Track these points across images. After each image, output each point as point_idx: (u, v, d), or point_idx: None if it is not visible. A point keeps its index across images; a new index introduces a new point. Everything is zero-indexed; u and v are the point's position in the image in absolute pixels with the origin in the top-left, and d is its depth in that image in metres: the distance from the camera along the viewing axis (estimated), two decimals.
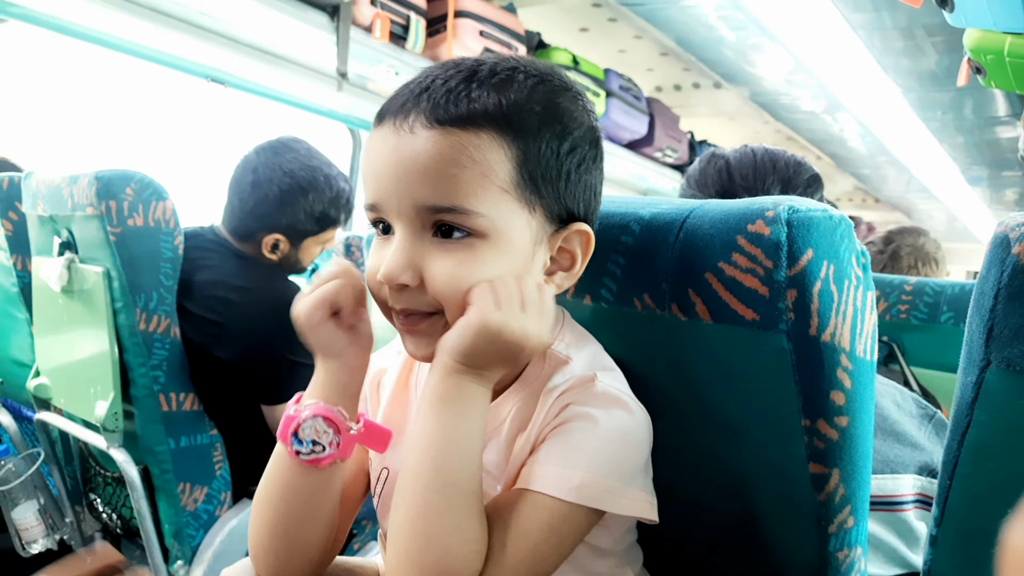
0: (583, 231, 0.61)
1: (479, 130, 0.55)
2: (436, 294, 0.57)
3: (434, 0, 2.50)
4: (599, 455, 0.57)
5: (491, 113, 0.55)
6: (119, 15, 1.98)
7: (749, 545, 0.66)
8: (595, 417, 0.58)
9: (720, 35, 2.95)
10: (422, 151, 0.55)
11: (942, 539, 0.57)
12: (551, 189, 0.59)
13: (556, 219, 0.60)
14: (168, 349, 1.33)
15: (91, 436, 1.37)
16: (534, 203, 0.58)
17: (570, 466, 0.56)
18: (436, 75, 0.58)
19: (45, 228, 1.43)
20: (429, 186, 0.55)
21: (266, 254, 1.50)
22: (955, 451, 0.56)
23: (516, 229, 0.58)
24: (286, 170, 1.48)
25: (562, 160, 0.59)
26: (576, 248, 0.62)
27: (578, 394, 0.59)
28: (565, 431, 0.58)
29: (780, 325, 0.56)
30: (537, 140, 0.57)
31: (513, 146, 0.56)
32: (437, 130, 0.55)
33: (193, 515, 1.39)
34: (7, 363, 1.69)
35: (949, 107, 3.57)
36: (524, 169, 0.57)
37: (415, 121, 0.55)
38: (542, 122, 0.57)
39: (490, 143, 0.55)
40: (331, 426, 0.60)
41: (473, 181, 0.55)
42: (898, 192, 5.98)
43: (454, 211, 0.55)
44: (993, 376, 0.52)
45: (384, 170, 0.57)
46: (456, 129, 0.55)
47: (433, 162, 0.54)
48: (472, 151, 0.55)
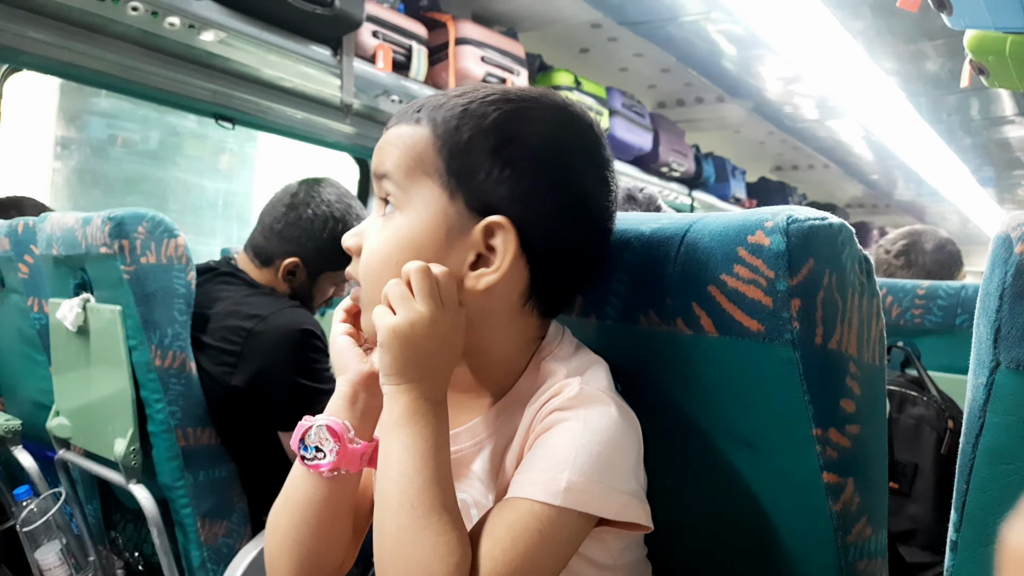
0: (502, 225, 0.60)
1: (418, 124, 0.63)
2: (365, 261, 0.64)
3: (435, 29, 2.54)
4: (585, 458, 0.56)
5: (429, 112, 0.63)
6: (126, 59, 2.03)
7: (766, 560, 0.65)
8: (578, 420, 0.58)
9: (720, 49, 2.97)
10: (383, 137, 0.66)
11: (962, 544, 0.56)
12: (473, 181, 0.61)
13: (476, 211, 0.61)
14: (184, 384, 1.35)
15: (111, 474, 1.37)
16: (455, 191, 0.61)
17: (555, 470, 0.56)
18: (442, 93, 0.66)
19: (60, 269, 1.45)
20: (377, 156, 0.65)
21: (281, 280, 1.52)
22: (970, 455, 0.55)
23: (432, 211, 0.62)
24: (324, 198, 1.54)
25: (492, 157, 0.61)
26: (498, 243, 0.61)
27: (561, 400, 0.59)
28: (549, 436, 0.58)
29: (785, 335, 0.56)
30: (466, 134, 0.61)
31: (440, 137, 0.62)
32: (395, 126, 0.65)
33: (214, 550, 1.39)
34: (27, 404, 1.70)
35: (955, 109, 3.56)
36: (449, 158, 0.61)
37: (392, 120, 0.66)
38: (480, 121, 0.61)
39: (422, 132, 0.62)
40: (332, 435, 0.63)
41: (403, 158, 0.63)
42: (908, 196, 5.95)
43: (386, 177, 0.63)
44: (1003, 378, 0.52)
45: None
46: (403, 123, 0.64)
47: (384, 142, 0.65)
48: (407, 137, 0.63)
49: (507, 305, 0.63)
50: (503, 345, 0.65)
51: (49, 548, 1.46)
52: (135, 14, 1.72)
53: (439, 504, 0.55)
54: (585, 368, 0.63)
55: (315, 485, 0.65)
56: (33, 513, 1.45)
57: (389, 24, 2.33)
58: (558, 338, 0.67)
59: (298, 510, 0.66)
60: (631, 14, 2.71)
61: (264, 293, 1.49)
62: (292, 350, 1.37)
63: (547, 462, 0.57)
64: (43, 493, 1.50)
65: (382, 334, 0.58)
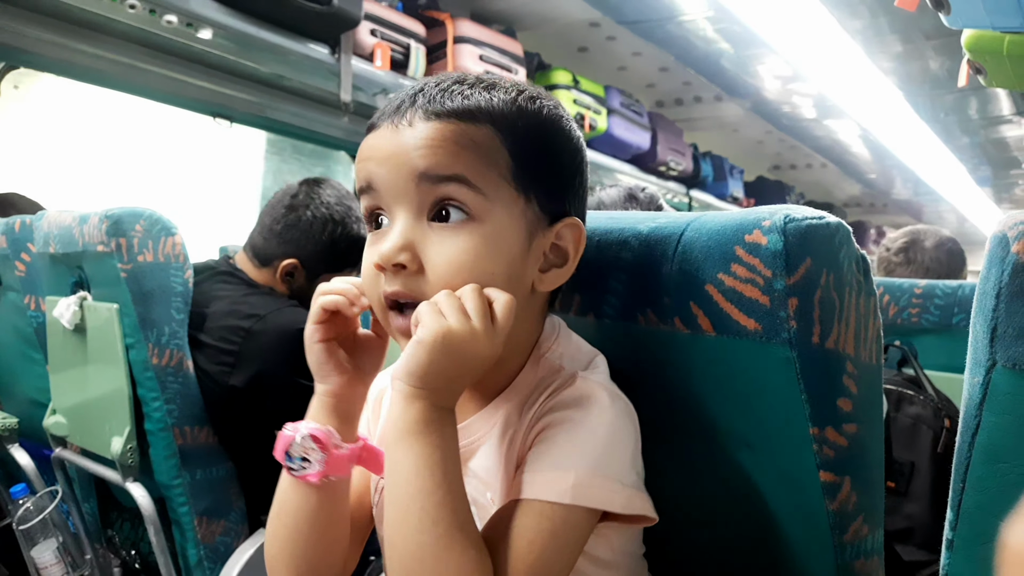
0: (575, 225, 0.62)
1: (476, 123, 0.57)
2: (438, 278, 0.57)
3: (433, 27, 2.54)
4: (589, 453, 0.56)
5: (484, 108, 0.58)
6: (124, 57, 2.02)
7: (763, 558, 0.65)
8: (579, 416, 0.57)
9: (719, 48, 2.97)
10: (423, 135, 0.57)
11: (959, 543, 0.56)
12: (544, 184, 0.60)
13: (549, 214, 0.61)
14: (181, 383, 1.34)
15: (108, 472, 1.37)
16: (530, 195, 0.59)
17: (562, 468, 0.55)
18: (427, 81, 0.61)
19: (57, 267, 1.45)
20: (434, 156, 0.56)
21: (280, 282, 1.52)
22: (967, 453, 0.55)
23: (512, 217, 0.58)
24: (323, 200, 1.53)
25: (552, 158, 0.61)
26: (568, 244, 0.62)
27: (561, 396, 0.59)
28: (551, 434, 0.58)
29: (783, 334, 0.56)
30: (528, 136, 0.60)
31: (508, 139, 0.58)
32: (435, 122, 0.57)
33: (211, 548, 1.39)
34: (24, 403, 1.70)
35: (952, 108, 3.57)
36: (519, 161, 0.58)
37: (413, 116, 0.57)
38: (531, 122, 0.60)
39: (487, 133, 0.58)
40: (317, 444, 0.62)
41: (475, 160, 0.57)
42: (906, 196, 5.96)
43: (458, 181, 0.56)
44: (1000, 376, 0.52)
45: (384, 154, 0.58)
46: (455, 120, 0.57)
47: (436, 140, 0.56)
48: (472, 136, 0.57)
49: (542, 299, 0.64)
50: (518, 337, 0.63)
51: (45, 546, 1.46)
52: (133, 12, 1.72)
53: (459, 520, 0.54)
54: (584, 362, 0.63)
55: (305, 494, 0.64)
56: (29, 511, 1.44)
57: (387, 22, 2.33)
58: (555, 333, 0.66)
59: (292, 521, 0.65)
60: (629, 13, 2.71)
61: (263, 293, 1.49)
62: (291, 350, 1.37)
63: (552, 461, 0.56)
64: (40, 491, 1.50)
65: (430, 334, 0.53)
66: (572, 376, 0.60)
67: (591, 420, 0.57)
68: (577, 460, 0.56)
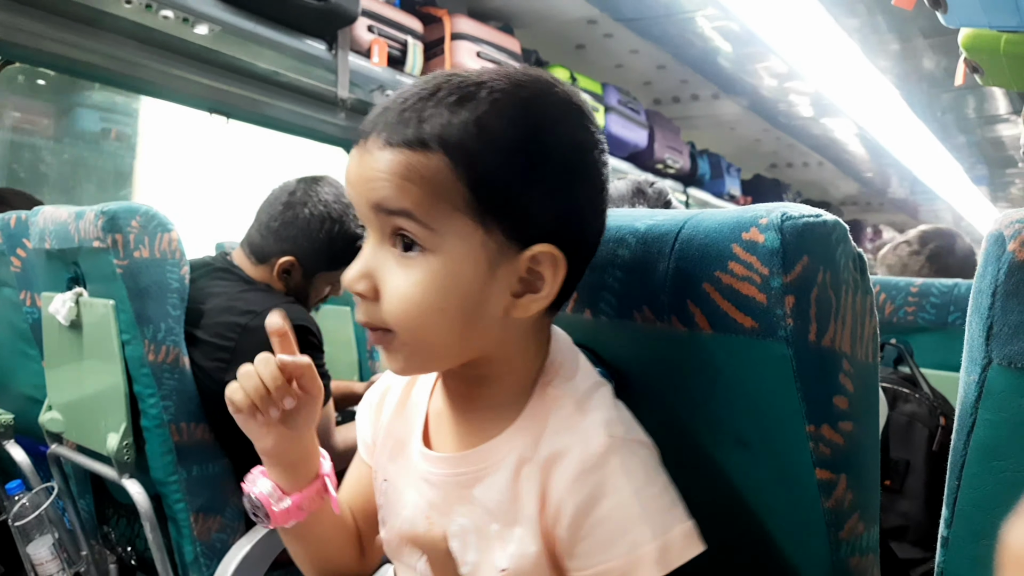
0: (548, 252, 0.56)
1: (427, 151, 0.54)
2: (387, 312, 0.56)
3: (431, 24, 2.53)
4: (650, 513, 0.55)
5: (440, 136, 0.54)
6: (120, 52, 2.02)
7: (759, 556, 0.66)
8: (620, 477, 0.56)
9: (716, 46, 2.97)
10: (375, 166, 0.55)
11: (954, 540, 0.57)
12: (511, 210, 0.55)
13: (518, 240, 0.56)
14: (177, 379, 1.34)
15: (104, 468, 1.37)
16: (489, 224, 0.55)
17: (638, 546, 0.54)
18: (401, 94, 0.57)
19: (53, 263, 1.45)
20: (384, 189, 0.55)
21: (276, 279, 1.52)
22: (962, 451, 0.55)
23: (469, 248, 0.55)
24: (321, 198, 1.52)
25: (525, 180, 0.55)
26: (545, 270, 0.57)
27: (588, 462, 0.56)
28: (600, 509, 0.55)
29: (779, 332, 0.56)
30: (492, 160, 0.54)
31: (463, 167, 0.54)
32: (388, 151, 0.55)
33: (207, 545, 1.39)
34: (19, 399, 1.70)
35: (949, 107, 3.58)
36: (477, 189, 0.54)
37: (372, 143, 0.56)
38: (499, 146, 0.55)
39: (438, 164, 0.54)
40: (261, 501, 0.68)
41: (424, 196, 0.54)
42: (902, 194, 5.97)
43: (406, 215, 0.54)
44: (995, 375, 0.52)
45: (352, 178, 0.58)
46: (406, 149, 0.54)
47: (387, 172, 0.54)
48: (421, 170, 0.54)
49: (537, 315, 0.60)
50: (525, 354, 0.62)
51: (41, 543, 1.45)
52: (129, 7, 1.71)
53: None
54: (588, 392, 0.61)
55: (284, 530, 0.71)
56: (25, 508, 1.44)
57: (384, 19, 2.33)
58: (559, 354, 0.63)
59: (291, 543, 0.74)
60: (627, 11, 2.71)
61: (259, 289, 1.49)
62: None
63: (629, 538, 0.55)
64: (35, 488, 1.50)
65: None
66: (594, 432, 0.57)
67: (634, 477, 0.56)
68: (645, 528, 0.55)
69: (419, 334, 0.56)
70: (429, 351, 0.58)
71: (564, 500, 0.56)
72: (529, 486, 0.58)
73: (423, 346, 0.58)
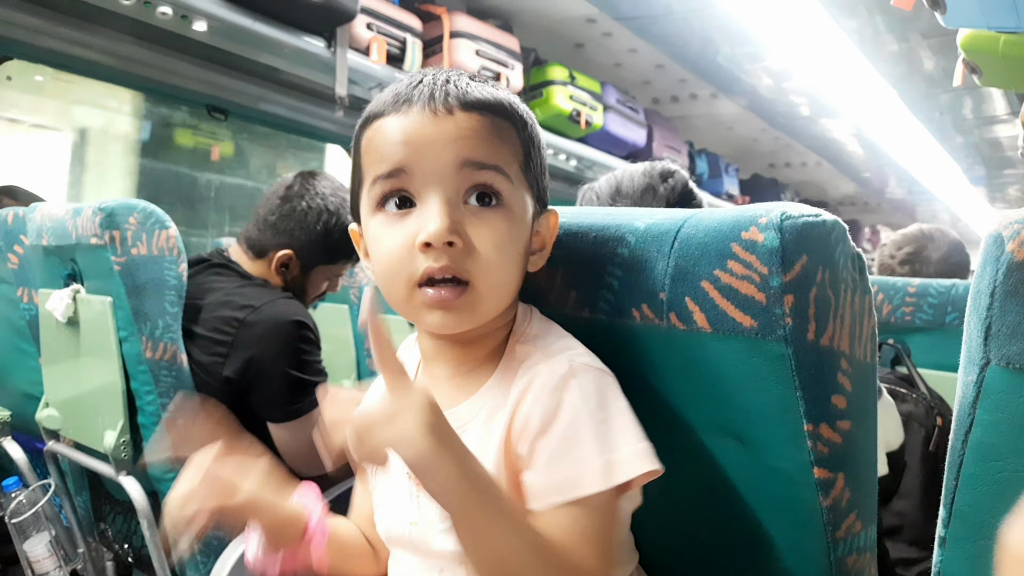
0: (554, 213, 0.69)
1: (503, 117, 0.63)
2: (486, 256, 0.60)
3: (430, 21, 2.53)
4: (600, 432, 0.58)
5: (506, 104, 0.64)
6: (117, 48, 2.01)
7: (756, 554, 0.66)
8: (576, 397, 0.59)
9: (715, 46, 2.97)
10: (465, 125, 0.61)
11: (951, 540, 0.57)
12: (538, 177, 0.67)
13: (540, 203, 0.68)
14: (175, 376, 1.34)
15: (101, 465, 1.37)
16: (532, 185, 0.66)
17: (584, 459, 0.57)
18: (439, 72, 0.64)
19: (50, 260, 1.44)
20: (476, 147, 0.61)
21: (274, 273, 1.52)
22: (960, 451, 0.56)
23: (525, 205, 0.65)
24: (318, 191, 1.54)
25: (541, 154, 0.68)
26: (546, 232, 0.69)
27: (550, 383, 0.60)
28: (559, 426, 0.59)
29: (778, 331, 0.56)
30: (529, 133, 0.66)
31: (521, 134, 0.65)
32: (474, 113, 0.62)
33: (204, 542, 1.39)
34: (16, 396, 1.69)
35: (947, 108, 3.58)
36: (526, 155, 0.65)
37: (452, 103, 0.61)
38: (530, 120, 0.67)
39: (510, 128, 0.64)
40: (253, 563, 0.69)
41: (506, 153, 0.63)
42: (900, 194, 5.98)
43: (496, 170, 0.62)
44: (993, 375, 0.52)
45: (424, 139, 0.61)
46: (489, 113, 0.62)
47: (479, 131, 0.61)
48: (503, 131, 0.63)
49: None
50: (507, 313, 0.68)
51: (38, 540, 1.45)
52: (127, 3, 1.70)
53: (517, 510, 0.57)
54: (557, 343, 0.65)
55: None
56: (22, 504, 1.44)
57: (383, 16, 2.32)
58: (527, 319, 0.69)
59: None
60: (625, 9, 2.71)
61: (257, 284, 1.49)
62: (283, 340, 1.37)
63: (579, 452, 0.58)
64: (32, 484, 1.49)
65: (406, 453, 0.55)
66: (558, 359, 0.62)
67: (591, 397, 0.59)
68: (599, 442, 0.58)
69: (496, 283, 0.62)
70: (495, 301, 0.64)
71: (530, 415, 0.60)
72: (496, 428, 0.62)
73: (493, 296, 0.63)
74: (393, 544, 0.71)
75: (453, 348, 0.68)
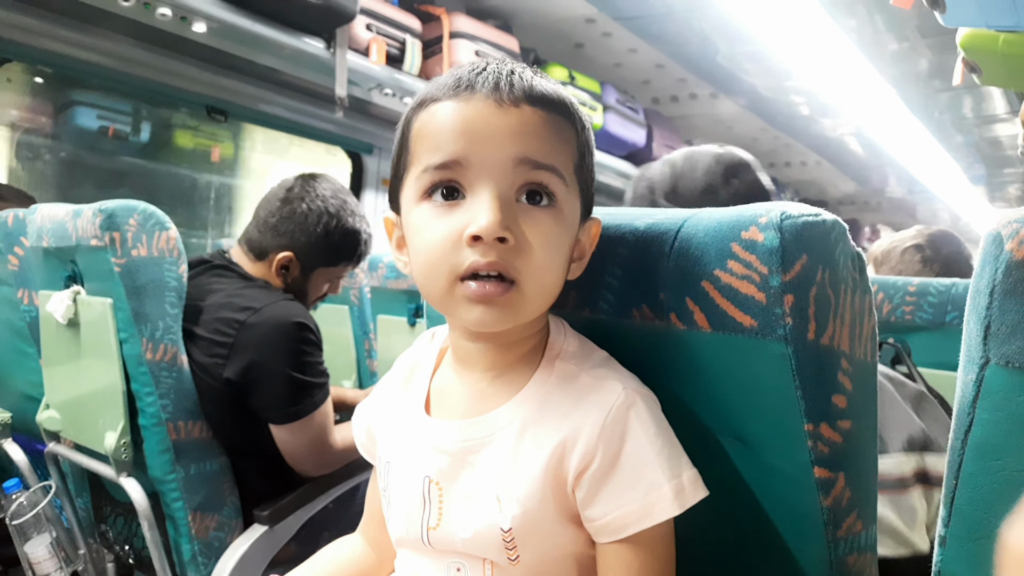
0: (597, 223, 0.67)
1: (565, 116, 0.61)
2: (537, 255, 0.58)
3: (429, 22, 2.53)
4: (664, 458, 0.59)
5: (569, 103, 0.63)
6: (117, 50, 2.01)
7: (757, 554, 0.66)
8: (637, 428, 0.59)
9: (714, 45, 2.97)
10: (529, 120, 0.59)
11: (951, 539, 0.57)
12: (588, 182, 0.65)
13: (585, 209, 0.65)
14: (175, 377, 1.34)
15: (101, 467, 1.37)
16: (583, 190, 0.64)
17: (656, 486, 0.58)
18: (505, 62, 0.62)
19: (51, 261, 1.44)
20: (537, 144, 0.59)
21: (275, 275, 1.52)
22: (959, 451, 0.55)
23: (574, 209, 0.63)
24: (319, 193, 1.54)
25: (592, 159, 0.66)
26: (586, 241, 0.66)
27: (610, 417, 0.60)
28: (626, 459, 0.59)
29: (778, 331, 0.56)
30: (585, 135, 0.64)
31: (579, 136, 0.63)
32: (539, 108, 0.59)
33: (205, 543, 1.39)
34: (17, 397, 1.70)
35: (947, 107, 3.57)
36: (579, 158, 0.63)
37: (518, 95, 0.59)
38: (586, 123, 0.65)
39: (570, 128, 0.62)
40: None
41: (564, 154, 0.61)
42: (900, 194, 5.97)
43: (552, 170, 0.59)
44: (993, 374, 0.52)
45: (486, 132, 0.58)
46: (553, 110, 0.60)
47: (541, 128, 0.59)
48: (564, 131, 0.61)
49: None
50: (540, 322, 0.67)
51: (39, 541, 1.45)
52: (127, 4, 1.71)
53: None
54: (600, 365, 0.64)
55: None
56: (23, 506, 1.44)
57: (383, 17, 2.32)
58: (561, 331, 0.68)
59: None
60: (625, 9, 2.71)
61: (258, 286, 1.49)
62: (284, 342, 1.37)
63: (644, 483, 0.59)
64: (33, 486, 1.49)
65: None
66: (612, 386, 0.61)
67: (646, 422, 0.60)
68: (660, 472, 0.59)
69: (542, 285, 0.60)
70: (538, 304, 0.61)
71: (592, 453, 0.59)
72: (534, 450, 0.61)
73: (536, 298, 0.60)
74: (404, 545, 0.71)
75: (489, 351, 0.66)
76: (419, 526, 0.66)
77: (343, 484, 1.51)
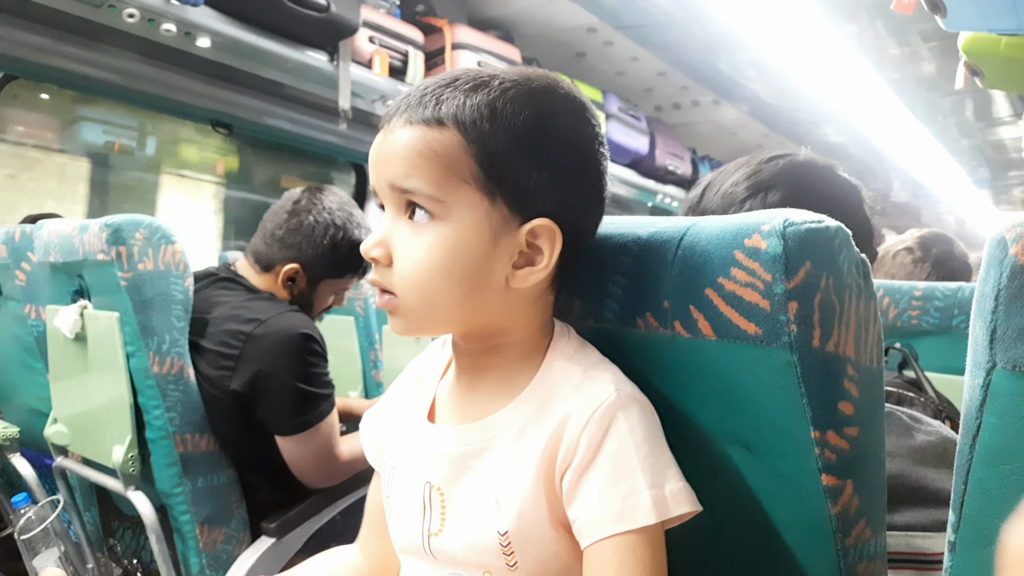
0: (547, 226, 0.62)
1: (442, 127, 0.60)
2: (397, 275, 0.62)
3: (431, 33, 2.54)
4: (647, 466, 0.59)
5: (454, 114, 0.60)
6: (122, 66, 2.03)
7: (765, 563, 0.65)
8: (623, 429, 0.60)
9: (716, 53, 2.98)
10: (396, 142, 0.62)
11: (961, 545, 0.56)
12: (514, 185, 0.61)
13: (519, 214, 0.62)
14: (182, 390, 1.34)
15: (109, 481, 1.37)
16: (495, 197, 0.61)
17: (636, 492, 0.58)
18: (422, 84, 0.64)
19: (58, 276, 1.45)
20: (397, 168, 0.61)
21: (281, 287, 1.53)
22: (968, 456, 0.55)
23: (475, 219, 0.61)
24: (325, 205, 1.55)
25: (530, 160, 0.61)
26: (543, 244, 0.63)
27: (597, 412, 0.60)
28: (606, 457, 0.59)
29: (783, 338, 0.56)
30: (500, 138, 0.60)
31: (474, 143, 0.60)
32: (408, 129, 0.61)
33: (213, 556, 1.39)
34: (25, 412, 1.70)
35: (950, 111, 3.58)
36: (485, 164, 0.60)
37: (395, 122, 0.62)
38: (507, 124, 0.61)
39: (451, 139, 0.60)
40: None
41: (435, 169, 0.60)
42: (904, 198, 5.96)
43: (415, 192, 0.61)
44: (1000, 378, 0.52)
45: (373, 160, 0.64)
46: (423, 126, 0.61)
47: (403, 150, 0.61)
48: (435, 145, 0.60)
49: (537, 289, 0.66)
50: (528, 328, 0.67)
51: (47, 556, 1.45)
52: (132, 21, 1.72)
53: None
54: (597, 366, 0.65)
55: None
56: (31, 521, 1.44)
57: (385, 29, 2.34)
58: (565, 336, 0.68)
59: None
60: (626, 18, 2.72)
61: (264, 298, 1.49)
62: (291, 353, 1.37)
63: (625, 487, 0.59)
64: (41, 501, 1.50)
65: None
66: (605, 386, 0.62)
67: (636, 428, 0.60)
68: (644, 477, 0.58)
69: (423, 296, 0.61)
70: (430, 313, 0.63)
71: (575, 444, 0.60)
72: (529, 451, 0.62)
73: (425, 308, 0.62)
74: (407, 553, 0.71)
75: (479, 354, 0.68)
76: (420, 533, 0.67)
77: (351, 495, 1.51)
